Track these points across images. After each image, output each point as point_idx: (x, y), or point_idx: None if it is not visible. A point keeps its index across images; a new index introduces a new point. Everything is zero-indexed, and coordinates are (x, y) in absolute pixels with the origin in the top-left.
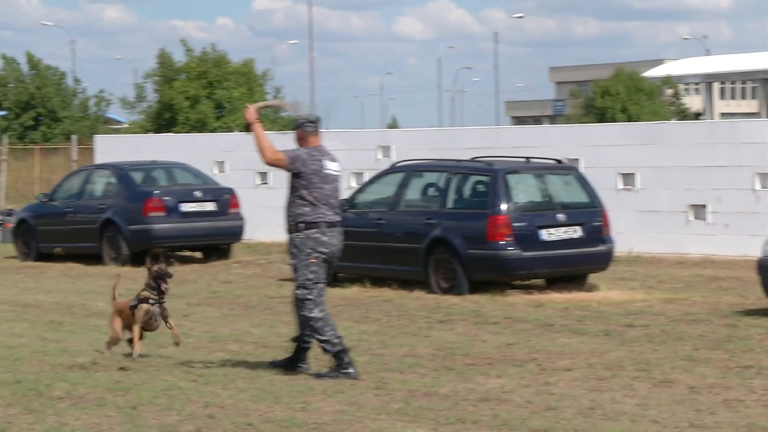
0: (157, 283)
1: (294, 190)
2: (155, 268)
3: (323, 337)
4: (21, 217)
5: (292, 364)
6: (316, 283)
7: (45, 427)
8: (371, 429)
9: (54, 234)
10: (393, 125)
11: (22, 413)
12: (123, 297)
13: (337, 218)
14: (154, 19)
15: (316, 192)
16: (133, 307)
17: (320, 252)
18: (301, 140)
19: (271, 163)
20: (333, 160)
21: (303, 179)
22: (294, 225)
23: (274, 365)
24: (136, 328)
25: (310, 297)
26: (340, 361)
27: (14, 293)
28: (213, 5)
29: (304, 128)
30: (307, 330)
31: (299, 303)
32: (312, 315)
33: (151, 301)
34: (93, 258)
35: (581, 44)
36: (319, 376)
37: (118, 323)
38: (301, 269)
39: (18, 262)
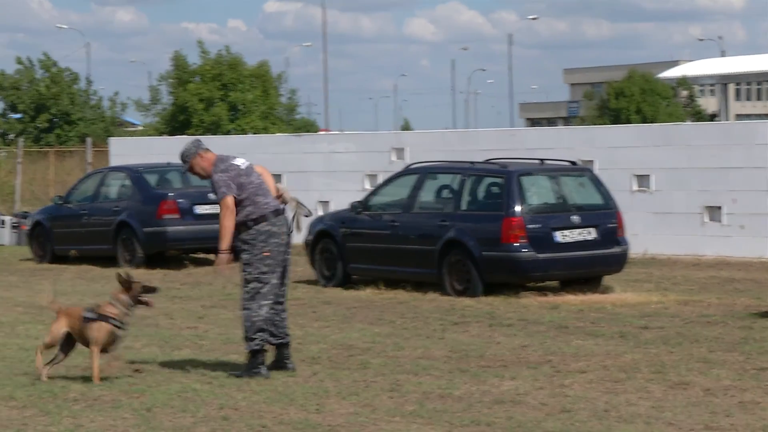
0: (144, 301)
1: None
2: (138, 284)
3: (251, 335)
4: (36, 219)
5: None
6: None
7: (60, 429)
8: (385, 431)
9: (69, 236)
10: (406, 127)
11: (37, 415)
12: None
13: (279, 204)
14: (166, 22)
15: (249, 188)
16: (88, 320)
17: (273, 242)
18: (206, 162)
19: (229, 206)
20: (237, 157)
21: (238, 189)
22: (243, 224)
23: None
24: (96, 350)
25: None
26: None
27: (30, 295)
28: (224, 7)
29: (200, 150)
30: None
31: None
32: (261, 312)
33: (115, 322)
34: (108, 260)
35: (594, 46)
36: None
37: (62, 328)
38: (256, 263)
39: (33, 265)
